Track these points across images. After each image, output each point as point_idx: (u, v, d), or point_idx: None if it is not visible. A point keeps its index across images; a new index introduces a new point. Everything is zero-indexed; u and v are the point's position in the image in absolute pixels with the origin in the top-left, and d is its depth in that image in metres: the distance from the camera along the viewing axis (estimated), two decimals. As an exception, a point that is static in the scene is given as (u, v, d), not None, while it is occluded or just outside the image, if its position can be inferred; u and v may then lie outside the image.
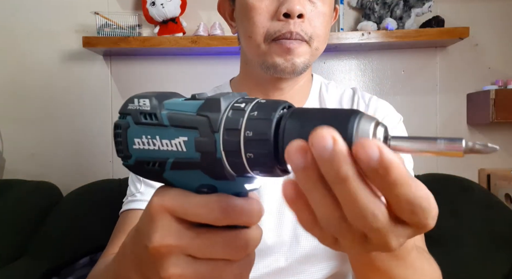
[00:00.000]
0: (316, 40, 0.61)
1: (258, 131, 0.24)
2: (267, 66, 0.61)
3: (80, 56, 1.47)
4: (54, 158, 1.49)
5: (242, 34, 0.64)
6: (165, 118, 0.27)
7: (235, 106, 0.26)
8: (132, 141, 0.29)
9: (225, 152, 0.25)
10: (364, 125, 0.22)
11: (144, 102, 0.28)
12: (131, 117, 0.29)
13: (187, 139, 0.26)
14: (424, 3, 1.36)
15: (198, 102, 0.27)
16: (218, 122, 0.25)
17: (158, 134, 0.27)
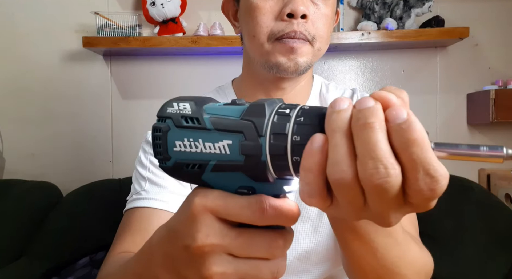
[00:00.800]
0: (318, 41, 0.61)
1: (306, 136, 0.25)
2: (270, 65, 0.62)
3: (80, 56, 1.47)
4: (54, 158, 1.49)
5: (246, 34, 0.64)
6: (208, 122, 0.28)
7: (279, 111, 0.27)
8: (173, 144, 0.30)
9: (270, 155, 0.26)
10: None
11: (184, 106, 0.30)
12: (171, 121, 0.30)
13: (231, 142, 0.28)
14: (424, 3, 1.36)
15: (240, 108, 0.28)
16: (264, 126, 0.26)
17: (201, 137, 0.28)
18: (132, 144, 1.47)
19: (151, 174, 0.66)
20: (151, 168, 0.66)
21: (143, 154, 0.69)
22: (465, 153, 0.24)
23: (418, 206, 0.24)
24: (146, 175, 0.66)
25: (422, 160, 0.22)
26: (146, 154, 0.69)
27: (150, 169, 0.66)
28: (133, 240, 0.59)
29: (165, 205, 0.62)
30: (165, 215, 0.61)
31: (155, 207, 0.62)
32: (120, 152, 1.50)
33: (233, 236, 0.29)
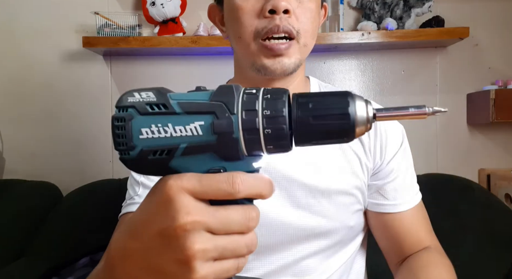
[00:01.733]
0: (303, 36, 0.61)
1: (275, 109, 0.29)
2: (257, 68, 0.62)
3: (80, 56, 1.47)
4: (54, 158, 1.49)
5: (233, 36, 0.65)
6: (176, 106, 0.29)
7: (247, 91, 0.30)
8: (138, 132, 0.30)
9: (243, 130, 0.29)
10: (360, 106, 0.29)
11: (147, 95, 0.30)
12: (134, 109, 0.30)
13: (203, 123, 0.29)
14: (424, 3, 1.36)
15: (207, 92, 0.30)
16: (235, 105, 0.29)
17: (171, 122, 0.29)
18: (132, 144, 1.47)
19: (145, 178, 0.66)
20: None
21: None
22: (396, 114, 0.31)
23: None
24: (140, 179, 0.67)
25: None
26: None
27: None
28: None
29: None
30: None
31: None
32: (120, 152, 1.50)
33: (211, 213, 0.29)
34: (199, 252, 0.28)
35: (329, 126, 0.29)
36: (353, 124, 0.29)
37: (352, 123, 0.29)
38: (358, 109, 0.29)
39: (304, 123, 0.29)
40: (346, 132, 0.29)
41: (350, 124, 0.29)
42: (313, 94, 0.30)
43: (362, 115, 0.29)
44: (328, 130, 0.29)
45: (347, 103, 0.29)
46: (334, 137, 0.30)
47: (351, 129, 0.29)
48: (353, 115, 0.29)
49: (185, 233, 0.28)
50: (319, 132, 0.29)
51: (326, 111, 0.29)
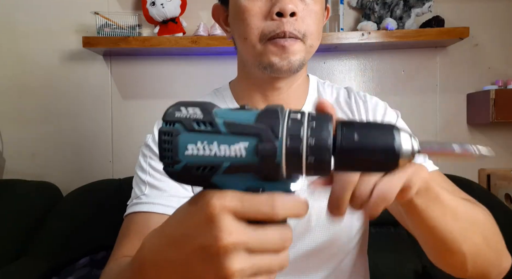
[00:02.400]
0: (309, 38, 0.62)
1: (320, 139, 0.29)
2: (263, 66, 0.62)
3: (80, 56, 1.47)
4: (54, 158, 1.49)
5: (238, 37, 0.65)
6: (222, 126, 0.30)
7: (292, 116, 0.30)
8: (185, 148, 0.30)
9: (286, 156, 0.29)
10: (405, 139, 0.30)
11: (194, 111, 0.30)
12: (181, 125, 0.30)
13: (247, 145, 0.29)
14: (424, 3, 1.36)
15: (253, 112, 0.30)
16: (280, 129, 0.29)
17: (216, 140, 0.30)
18: (132, 144, 1.47)
19: (151, 177, 0.66)
20: (151, 172, 0.67)
21: (142, 158, 0.70)
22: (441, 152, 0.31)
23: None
24: (146, 179, 0.67)
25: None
26: (146, 158, 0.69)
27: (150, 173, 0.67)
28: (132, 244, 0.60)
29: (164, 209, 0.62)
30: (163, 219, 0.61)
31: (154, 212, 0.62)
32: (120, 152, 1.50)
33: (251, 233, 0.30)
34: (237, 272, 0.29)
35: (372, 158, 0.29)
36: (398, 157, 0.29)
37: (397, 157, 0.29)
38: (403, 142, 0.29)
39: (347, 153, 0.29)
40: (389, 165, 0.30)
41: (395, 157, 0.29)
42: (358, 124, 0.30)
43: (407, 148, 0.29)
44: (371, 162, 0.30)
45: (393, 137, 0.29)
46: (376, 168, 0.30)
47: (395, 163, 0.30)
48: (398, 149, 0.29)
49: (226, 253, 0.29)
50: (362, 162, 0.30)
51: (371, 144, 0.29)
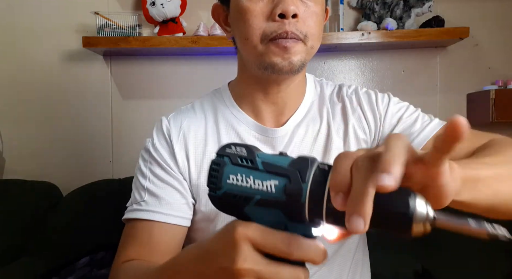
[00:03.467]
0: (310, 39, 0.62)
1: (336, 219, 0.31)
2: (264, 66, 0.62)
3: (80, 56, 1.47)
4: (54, 158, 1.49)
5: (239, 37, 0.65)
6: (260, 164, 0.35)
7: (320, 165, 0.33)
8: (227, 177, 0.36)
9: (309, 198, 0.32)
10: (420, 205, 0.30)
11: (241, 149, 0.36)
12: (228, 159, 0.36)
13: (278, 183, 0.33)
14: (424, 3, 1.36)
15: (288, 159, 0.35)
16: (307, 175, 0.32)
17: (252, 175, 0.35)
18: (132, 144, 1.47)
19: (151, 184, 0.67)
20: (151, 178, 0.68)
21: (143, 162, 0.70)
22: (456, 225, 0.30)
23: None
24: (146, 185, 0.68)
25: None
26: (146, 163, 0.70)
27: (150, 178, 0.68)
28: (136, 251, 0.63)
29: (165, 217, 0.65)
30: (164, 228, 0.65)
31: (156, 220, 0.64)
32: (120, 152, 1.50)
33: (265, 264, 0.33)
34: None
35: (386, 219, 0.30)
36: (411, 222, 0.30)
37: (410, 221, 0.30)
38: (418, 208, 0.30)
39: None
40: (402, 228, 0.30)
41: (408, 222, 0.30)
42: None
43: (421, 214, 0.30)
44: (385, 221, 0.30)
45: (408, 201, 0.30)
46: (389, 228, 0.31)
47: (408, 227, 0.30)
48: (412, 213, 0.30)
49: (239, 276, 0.33)
50: (375, 220, 0.30)
51: (386, 204, 0.30)
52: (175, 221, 0.65)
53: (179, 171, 0.68)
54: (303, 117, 0.71)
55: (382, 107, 0.71)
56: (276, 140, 0.69)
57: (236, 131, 0.70)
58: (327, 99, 0.74)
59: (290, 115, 0.71)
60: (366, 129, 0.71)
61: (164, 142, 0.70)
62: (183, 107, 0.76)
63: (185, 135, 0.70)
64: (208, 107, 0.74)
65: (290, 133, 0.70)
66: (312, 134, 0.70)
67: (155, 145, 0.70)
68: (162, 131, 0.71)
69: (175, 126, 0.71)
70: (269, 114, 0.71)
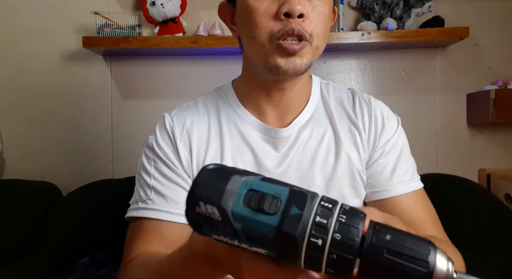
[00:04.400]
0: (316, 39, 0.62)
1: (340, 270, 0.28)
2: (269, 67, 0.62)
3: (80, 56, 1.47)
4: (54, 158, 1.49)
5: (245, 36, 0.65)
6: (240, 232, 0.30)
7: (312, 242, 0.28)
8: (210, 235, 0.32)
9: (305, 262, 0.29)
10: (440, 261, 0.26)
11: (212, 210, 0.30)
12: (202, 219, 0.31)
13: (268, 252, 0.30)
14: (424, 3, 1.36)
15: (271, 223, 0.28)
16: (299, 253, 0.28)
17: (237, 239, 0.30)
18: (132, 144, 1.47)
19: (157, 182, 0.67)
20: (156, 176, 0.67)
21: (146, 160, 0.70)
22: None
23: None
24: (151, 183, 0.67)
25: None
26: (150, 161, 0.69)
27: (155, 177, 0.67)
28: (147, 247, 0.62)
29: (173, 217, 0.64)
30: (173, 227, 0.64)
31: (163, 219, 0.64)
32: (120, 152, 1.50)
33: None
34: None
35: (402, 269, 0.26)
36: (430, 275, 0.26)
37: (429, 273, 0.26)
38: (438, 261, 0.26)
39: (375, 259, 0.27)
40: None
41: (427, 273, 0.26)
42: (392, 229, 0.28)
43: (442, 268, 0.26)
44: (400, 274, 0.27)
45: (429, 251, 0.26)
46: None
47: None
48: (432, 265, 0.26)
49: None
50: (388, 272, 0.27)
51: (403, 256, 0.26)
52: (182, 220, 0.64)
53: (183, 169, 0.67)
54: (308, 120, 0.71)
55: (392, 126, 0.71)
56: (280, 141, 0.69)
57: (239, 130, 0.70)
58: (336, 103, 0.73)
59: (295, 116, 0.70)
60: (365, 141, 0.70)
61: (168, 139, 0.69)
62: (185, 104, 0.75)
63: (189, 133, 0.69)
64: (211, 105, 0.73)
65: (294, 135, 0.69)
66: (317, 137, 0.70)
67: (158, 142, 0.69)
68: (165, 128, 0.70)
69: (178, 124, 0.70)
70: (273, 115, 0.70)
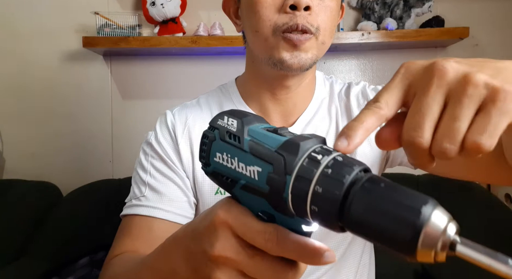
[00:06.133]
0: (322, 33, 0.60)
1: (328, 189, 0.25)
2: (273, 62, 0.60)
3: (80, 56, 1.47)
4: (54, 158, 1.49)
5: (249, 30, 0.63)
6: (246, 144, 0.30)
7: (312, 155, 0.27)
8: (214, 154, 0.32)
9: (292, 195, 0.27)
10: (437, 217, 0.22)
11: (232, 122, 0.31)
12: (218, 132, 0.32)
13: (261, 170, 0.28)
14: (424, 3, 1.36)
15: (279, 139, 0.29)
16: (293, 166, 0.27)
17: (237, 156, 0.30)
18: (132, 144, 1.47)
19: (152, 178, 0.65)
20: (152, 172, 0.65)
21: (143, 156, 0.68)
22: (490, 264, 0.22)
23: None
24: (147, 179, 0.65)
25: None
26: (147, 157, 0.67)
27: (151, 173, 0.65)
28: (133, 245, 0.60)
29: (165, 214, 0.62)
30: (165, 225, 0.62)
31: (156, 217, 0.62)
32: (120, 152, 1.50)
33: (247, 256, 0.30)
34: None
35: (384, 231, 0.23)
36: (416, 241, 0.21)
37: (415, 240, 0.21)
38: (434, 220, 0.22)
39: (356, 214, 0.24)
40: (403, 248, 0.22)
41: (412, 240, 0.21)
42: (385, 188, 0.24)
43: (435, 231, 0.21)
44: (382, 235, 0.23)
45: (420, 209, 0.22)
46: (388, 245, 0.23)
47: (411, 248, 0.22)
48: (420, 228, 0.21)
49: (216, 265, 0.30)
50: (371, 231, 0.24)
51: (388, 210, 0.23)
52: (176, 219, 0.62)
53: (182, 168, 0.66)
54: (312, 116, 0.69)
55: None
56: None
57: None
58: (336, 97, 0.72)
59: (299, 115, 0.69)
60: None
61: (168, 136, 0.67)
62: (188, 102, 0.74)
63: (190, 131, 0.67)
64: (214, 103, 0.72)
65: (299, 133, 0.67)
66: (321, 134, 0.68)
67: (158, 138, 0.67)
68: (167, 125, 0.68)
69: (180, 121, 0.68)
70: (277, 114, 0.68)
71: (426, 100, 0.27)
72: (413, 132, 0.26)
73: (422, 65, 0.28)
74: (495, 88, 0.26)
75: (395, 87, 0.28)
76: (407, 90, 0.28)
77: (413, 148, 0.27)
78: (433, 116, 0.26)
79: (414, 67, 0.28)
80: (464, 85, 0.26)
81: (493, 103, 0.26)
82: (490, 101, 0.26)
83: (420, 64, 0.28)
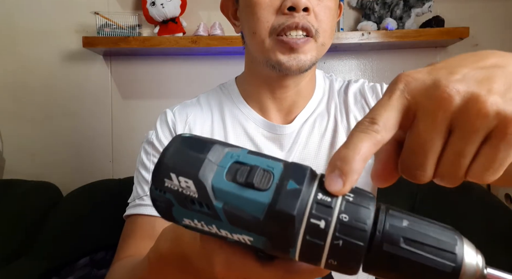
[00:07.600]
0: (322, 35, 0.59)
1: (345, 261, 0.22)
2: (271, 64, 0.60)
3: (80, 56, 1.47)
4: (54, 158, 1.49)
5: (247, 32, 0.63)
6: (221, 213, 0.23)
7: (312, 223, 0.22)
8: (181, 219, 0.25)
9: (300, 258, 0.23)
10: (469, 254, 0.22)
11: (187, 184, 0.24)
12: (173, 197, 0.24)
13: (253, 239, 0.24)
14: (424, 3, 1.36)
15: (261, 200, 0.23)
16: (294, 240, 0.22)
17: (215, 224, 0.24)
18: (132, 144, 1.47)
19: None
20: None
21: (145, 155, 0.68)
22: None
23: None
24: (149, 179, 0.65)
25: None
26: (149, 156, 0.67)
27: None
28: (137, 247, 0.60)
29: None
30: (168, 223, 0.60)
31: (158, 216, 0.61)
32: (120, 152, 1.50)
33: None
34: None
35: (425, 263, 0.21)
36: (458, 270, 0.21)
37: (457, 268, 0.21)
38: (467, 253, 0.22)
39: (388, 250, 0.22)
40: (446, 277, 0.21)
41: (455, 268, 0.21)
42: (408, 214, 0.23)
43: (471, 262, 0.22)
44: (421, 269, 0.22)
45: (455, 240, 0.22)
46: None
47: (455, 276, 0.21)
48: (460, 258, 0.22)
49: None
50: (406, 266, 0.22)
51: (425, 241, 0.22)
52: None
53: None
54: (311, 114, 0.69)
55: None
56: (284, 137, 0.67)
57: (244, 128, 0.68)
58: (336, 94, 0.72)
59: (299, 112, 0.68)
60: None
61: (169, 135, 0.67)
62: (188, 101, 0.74)
63: (191, 129, 0.67)
64: (215, 102, 0.71)
65: (297, 130, 0.67)
66: (319, 131, 0.68)
67: (159, 137, 0.67)
68: (167, 123, 0.68)
69: (181, 119, 0.68)
70: (277, 112, 0.68)
71: (429, 135, 0.24)
72: (414, 170, 0.25)
73: (423, 85, 0.24)
74: (508, 119, 0.22)
75: (394, 107, 0.25)
76: (406, 111, 0.25)
77: (413, 181, 0.26)
78: (437, 152, 0.24)
79: (415, 85, 0.25)
80: (472, 119, 0.23)
81: (503, 137, 0.23)
82: (499, 133, 0.23)
83: (421, 82, 0.25)
